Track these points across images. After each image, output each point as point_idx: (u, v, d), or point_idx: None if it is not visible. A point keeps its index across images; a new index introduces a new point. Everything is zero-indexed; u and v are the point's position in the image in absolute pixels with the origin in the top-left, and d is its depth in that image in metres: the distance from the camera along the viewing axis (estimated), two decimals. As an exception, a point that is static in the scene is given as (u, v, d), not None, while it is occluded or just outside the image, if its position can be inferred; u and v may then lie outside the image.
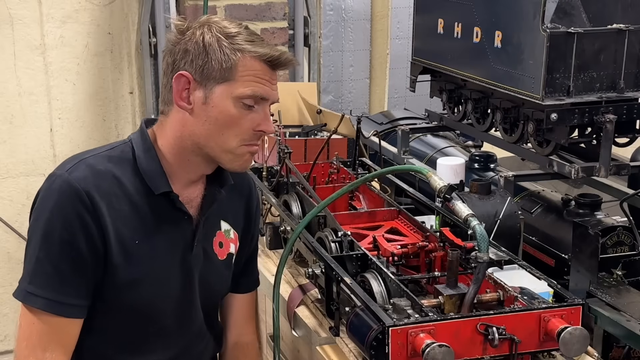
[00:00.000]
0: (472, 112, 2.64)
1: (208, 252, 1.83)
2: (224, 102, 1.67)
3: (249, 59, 1.66)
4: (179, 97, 1.68)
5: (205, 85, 1.67)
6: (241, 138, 1.70)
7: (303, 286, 2.11)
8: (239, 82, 1.66)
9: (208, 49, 1.65)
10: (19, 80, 3.50)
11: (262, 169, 2.52)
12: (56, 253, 1.64)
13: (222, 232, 1.87)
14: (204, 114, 1.68)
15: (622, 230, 2.12)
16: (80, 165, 1.68)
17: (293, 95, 3.18)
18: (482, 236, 1.67)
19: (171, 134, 1.73)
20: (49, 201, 1.65)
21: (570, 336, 1.59)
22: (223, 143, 1.70)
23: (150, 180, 1.71)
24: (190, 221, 1.78)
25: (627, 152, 2.52)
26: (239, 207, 1.93)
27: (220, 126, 1.69)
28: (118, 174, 1.69)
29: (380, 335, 1.57)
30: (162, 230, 1.74)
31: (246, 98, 1.67)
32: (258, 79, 1.68)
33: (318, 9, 3.80)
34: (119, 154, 1.73)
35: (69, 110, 3.62)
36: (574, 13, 2.28)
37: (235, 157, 1.73)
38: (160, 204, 1.72)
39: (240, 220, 1.93)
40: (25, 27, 3.46)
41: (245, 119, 1.69)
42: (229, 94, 1.67)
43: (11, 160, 3.53)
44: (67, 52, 3.56)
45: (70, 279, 1.65)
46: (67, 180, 1.64)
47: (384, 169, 2.05)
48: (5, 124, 3.52)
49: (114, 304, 1.72)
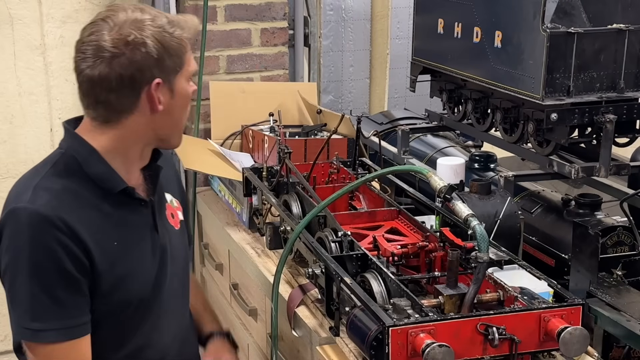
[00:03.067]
0: (472, 112, 2.64)
1: (167, 227, 1.87)
2: (184, 87, 1.74)
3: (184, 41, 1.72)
4: (154, 104, 1.68)
5: (169, 82, 1.69)
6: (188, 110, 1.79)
7: (303, 286, 2.11)
8: (187, 63, 1.73)
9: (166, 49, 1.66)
10: (19, 80, 3.50)
11: (262, 169, 2.52)
12: (49, 284, 1.63)
13: (169, 203, 1.91)
14: (172, 107, 1.72)
15: (622, 230, 2.12)
16: (38, 191, 1.66)
17: (293, 95, 3.18)
18: (482, 236, 1.67)
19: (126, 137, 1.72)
20: (23, 237, 1.62)
21: (570, 336, 1.59)
22: (182, 124, 1.78)
23: (104, 182, 1.71)
24: (147, 205, 1.80)
25: (627, 152, 2.51)
26: (171, 176, 1.99)
27: (185, 109, 1.76)
28: (74, 187, 1.69)
29: (380, 335, 1.57)
30: (130, 223, 1.76)
31: (193, 73, 1.75)
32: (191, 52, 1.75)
33: (318, 9, 3.79)
34: (64, 168, 1.71)
35: (69, 110, 3.61)
36: (574, 13, 2.28)
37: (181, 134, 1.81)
38: (119, 201, 1.74)
39: (175, 186, 1.99)
40: (25, 27, 3.46)
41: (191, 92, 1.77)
42: (185, 77, 1.73)
43: (11, 160, 3.53)
44: (67, 52, 3.55)
45: (71, 303, 1.65)
46: (34, 211, 1.62)
47: (384, 169, 2.05)
48: (5, 124, 3.51)
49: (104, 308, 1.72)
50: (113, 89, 1.66)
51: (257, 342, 2.52)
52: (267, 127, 3.00)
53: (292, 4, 3.54)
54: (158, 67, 1.66)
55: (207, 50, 3.21)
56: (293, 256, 2.25)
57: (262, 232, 2.52)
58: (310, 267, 1.96)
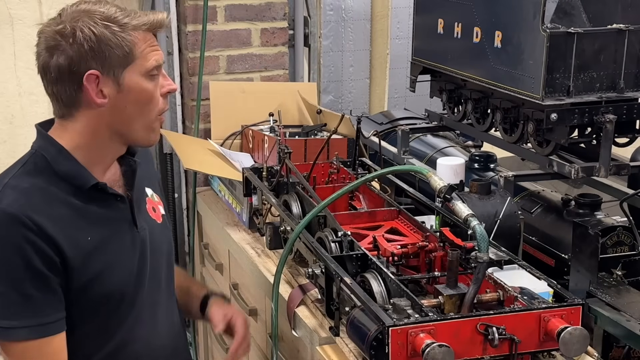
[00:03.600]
0: (472, 112, 2.64)
1: (148, 221, 1.87)
2: (138, 82, 1.71)
3: (140, 33, 1.69)
4: (95, 96, 1.68)
5: (113, 75, 1.68)
6: (158, 108, 1.76)
7: (303, 286, 2.11)
8: (141, 58, 1.70)
9: (104, 40, 1.66)
10: (19, 80, 3.50)
11: (262, 169, 2.52)
12: (18, 281, 1.62)
13: (149, 197, 1.91)
14: (122, 101, 1.70)
15: (622, 230, 2.12)
16: (5, 190, 1.67)
17: (293, 95, 3.18)
18: (482, 236, 1.67)
19: (85, 132, 1.73)
20: None
21: (570, 336, 1.59)
22: (145, 120, 1.75)
23: (74, 179, 1.72)
24: (124, 200, 1.81)
25: (627, 152, 2.51)
26: (151, 171, 2.00)
27: (142, 104, 1.73)
28: (43, 185, 1.69)
29: (380, 335, 1.57)
30: (105, 219, 1.76)
31: (153, 70, 1.71)
32: (152, 47, 1.72)
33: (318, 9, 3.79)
34: (33, 167, 1.72)
35: (69, 110, 3.61)
36: (574, 13, 2.28)
37: (153, 132, 1.78)
38: (92, 197, 1.74)
39: (155, 182, 1.99)
40: (25, 27, 3.46)
41: (156, 89, 1.74)
42: (139, 72, 1.70)
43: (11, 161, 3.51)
44: (67, 52, 3.56)
45: (41, 300, 1.65)
46: (2, 211, 1.63)
47: (384, 169, 2.05)
48: (5, 124, 3.51)
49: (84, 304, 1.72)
50: (56, 81, 1.70)
51: (257, 342, 2.52)
52: (267, 127, 3.00)
53: (292, 4, 3.54)
54: (95, 58, 1.66)
55: (207, 50, 3.22)
56: (293, 256, 2.25)
57: (262, 232, 2.52)
58: (310, 267, 1.96)
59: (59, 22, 1.68)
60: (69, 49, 1.66)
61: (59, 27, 1.67)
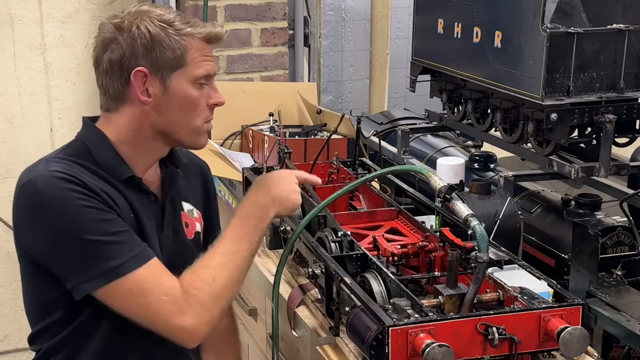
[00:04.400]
0: (472, 112, 2.64)
1: (178, 232, 1.86)
2: (185, 87, 1.72)
3: (195, 41, 1.71)
4: (140, 93, 1.70)
5: (161, 76, 1.70)
6: (204, 116, 1.77)
7: (303, 286, 2.11)
8: (192, 65, 1.72)
9: (157, 40, 1.68)
10: (19, 80, 3.50)
11: (262, 169, 2.52)
12: (97, 227, 1.62)
13: (186, 212, 1.90)
14: (165, 103, 1.72)
15: (622, 230, 2.12)
16: (50, 162, 1.68)
17: (293, 95, 3.18)
18: (482, 236, 1.67)
19: (127, 127, 1.75)
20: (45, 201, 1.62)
21: (570, 336, 1.59)
22: (190, 125, 1.76)
23: (110, 169, 1.72)
24: (157, 202, 1.80)
25: (627, 152, 2.51)
26: (197, 187, 1.97)
27: (186, 110, 1.74)
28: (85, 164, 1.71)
29: (380, 335, 1.57)
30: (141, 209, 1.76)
31: (201, 78, 1.73)
32: (206, 57, 1.74)
33: (318, 9, 3.80)
34: (75, 151, 1.74)
35: (69, 110, 3.62)
36: (574, 13, 2.28)
37: (200, 136, 1.80)
38: (129, 190, 1.74)
39: (200, 200, 1.97)
40: (25, 27, 3.46)
41: (202, 98, 1.75)
42: (187, 78, 1.72)
43: (11, 160, 3.53)
44: (67, 52, 3.56)
45: (125, 234, 1.65)
46: (52, 174, 1.63)
47: (384, 169, 2.05)
48: (5, 124, 3.51)
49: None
50: (106, 73, 1.72)
51: (257, 342, 2.53)
52: (267, 127, 3.01)
53: (292, 4, 3.54)
54: (146, 57, 1.68)
55: (207, 50, 3.21)
56: (293, 256, 2.25)
57: (262, 232, 2.52)
58: (310, 267, 1.96)
59: (119, 17, 1.72)
60: (123, 43, 1.69)
61: (117, 21, 1.71)
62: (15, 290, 3.48)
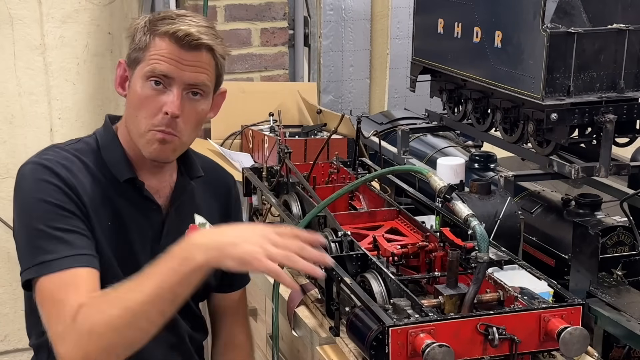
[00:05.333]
0: (472, 112, 2.64)
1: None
2: (136, 83, 1.71)
3: (157, 39, 1.69)
4: (118, 84, 1.76)
5: (132, 70, 1.73)
6: (150, 122, 1.70)
7: (303, 286, 2.11)
8: (146, 61, 1.70)
9: (133, 35, 1.73)
10: (19, 80, 3.50)
11: (262, 169, 2.52)
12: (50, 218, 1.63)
13: (197, 225, 1.87)
14: (128, 98, 1.75)
15: (622, 230, 2.12)
16: (49, 150, 1.72)
17: (293, 95, 3.18)
18: (482, 236, 1.67)
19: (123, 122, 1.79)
20: (27, 182, 1.67)
21: (570, 336, 1.59)
22: (136, 126, 1.73)
23: (113, 168, 1.74)
24: (159, 211, 1.79)
25: (627, 152, 2.51)
26: (214, 205, 1.94)
27: (134, 108, 1.72)
28: (86, 162, 1.72)
29: (380, 335, 1.57)
30: (131, 217, 1.75)
31: (150, 77, 1.68)
32: (163, 57, 1.68)
33: (318, 9, 3.80)
34: (83, 146, 1.77)
35: (69, 110, 3.62)
36: (574, 13, 2.28)
37: (147, 143, 1.72)
38: (129, 193, 1.74)
39: (215, 218, 1.92)
40: (25, 27, 3.46)
41: (154, 100, 1.69)
42: (139, 74, 1.71)
43: (11, 160, 3.53)
44: (67, 52, 3.56)
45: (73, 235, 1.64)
46: (38, 162, 1.68)
47: (384, 169, 2.05)
48: (5, 124, 3.51)
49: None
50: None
51: (257, 342, 2.52)
52: (267, 127, 3.01)
53: (292, 4, 3.54)
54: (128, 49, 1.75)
55: (207, 50, 3.21)
56: (293, 256, 2.24)
57: (262, 232, 2.52)
58: (310, 267, 1.96)
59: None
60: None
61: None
62: (15, 290, 3.48)
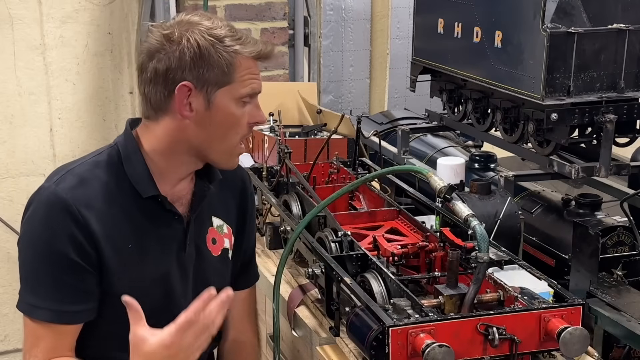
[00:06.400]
0: (472, 112, 2.64)
1: (201, 250, 1.83)
2: (228, 105, 1.68)
3: (244, 59, 1.68)
4: (182, 107, 1.67)
5: (206, 91, 1.66)
6: (242, 134, 1.73)
7: (303, 286, 2.11)
8: (238, 82, 1.68)
9: (206, 55, 1.64)
10: (19, 80, 3.50)
11: (262, 169, 2.52)
12: (51, 263, 1.65)
13: (215, 228, 1.87)
14: (207, 119, 1.68)
15: (622, 230, 2.12)
16: (67, 176, 1.69)
17: (293, 95, 3.18)
18: (482, 236, 1.67)
19: (163, 139, 1.72)
20: (38, 214, 1.67)
21: (570, 336, 1.59)
22: (226, 144, 1.73)
23: (137, 184, 1.71)
24: (181, 220, 1.78)
25: (627, 152, 2.51)
26: (231, 203, 1.93)
27: (225, 127, 1.70)
28: (106, 179, 1.70)
29: (380, 335, 1.57)
30: (154, 232, 1.74)
31: (246, 97, 1.70)
32: (253, 75, 1.70)
33: (318, 9, 3.80)
34: (106, 159, 1.73)
35: (69, 110, 3.62)
36: (574, 13, 2.28)
37: (233, 156, 1.76)
38: (150, 207, 1.73)
39: (233, 216, 1.92)
40: (25, 27, 3.46)
41: (244, 116, 1.72)
42: (232, 96, 1.68)
43: (11, 160, 3.53)
44: (67, 52, 3.56)
45: (70, 287, 1.66)
46: (54, 192, 1.65)
47: (384, 169, 2.05)
48: (5, 124, 3.51)
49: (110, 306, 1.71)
50: (150, 82, 1.68)
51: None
52: (267, 127, 3.00)
53: (292, 4, 3.54)
54: (192, 71, 1.64)
55: (207, 50, 3.21)
56: (293, 256, 2.24)
57: (262, 232, 2.52)
58: (310, 267, 1.96)
59: (169, 27, 1.68)
60: (170, 55, 1.64)
61: (167, 32, 1.66)
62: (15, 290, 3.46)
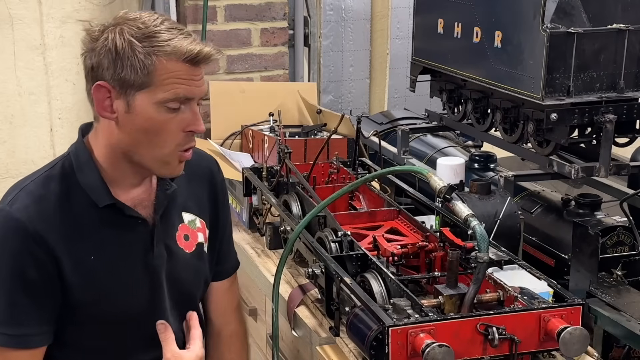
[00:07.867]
0: (472, 112, 2.64)
1: (172, 249, 1.77)
2: (147, 109, 1.59)
3: (165, 61, 1.57)
4: (101, 107, 1.61)
5: (125, 93, 1.59)
6: (175, 143, 1.64)
7: (303, 286, 2.11)
8: (158, 86, 1.58)
9: (121, 56, 1.56)
10: (19, 80, 3.50)
11: (262, 169, 2.52)
12: (8, 288, 1.60)
13: (186, 224, 1.81)
14: (129, 123, 1.61)
15: (622, 230, 2.12)
16: (21, 194, 1.64)
17: (293, 95, 3.18)
18: (482, 236, 1.67)
19: (102, 142, 1.67)
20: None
21: (570, 336, 1.59)
22: (153, 151, 1.64)
23: (92, 194, 1.66)
24: (146, 224, 1.72)
25: (627, 152, 2.52)
26: (202, 195, 1.87)
27: (148, 134, 1.62)
28: (61, 193, 1.65)
29: (380, 335, 1.57)
30: (116, 240, 1.69)
31: (169, 102, 1.60)
32: (179, 79, 1.59)
33: (318, 9, 3.80)
34: (59, 172, 1.68)
35: (69, 110, 3.61)
36: (574, 13, 2.28)
37: (167, 165, 1.67)
38: (110, 215, 1.68)
39: (205, 207, 1.87)
40: (25, 27, 3.46)
41: (172, 122, 1.62)
42: (150, 100, 1.59)
43: (11, 160, 3.53)
44: (67, 52, 3.56)
45: (27, 310, 1.62)
46: (9, 214, 1.61)
47: (384, 169, 2.05)
48: (5, 124, 3.51)
49: (83, 321, 1.69)
50: (86, 81, 1.64)
51: (257, 342, 2.52)
52: (267, 127, 3.00)
53: (292, 4, 3.54)
54: (109, 70, 1.58)
55: (207, 50, 3.21)
56: (293, 256, 2.25)
57: (262, 232, 2.52)
58: (310, 267, 1.96)
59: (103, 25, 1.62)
60: (95, 53, 1.60)
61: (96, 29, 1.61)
62: None
